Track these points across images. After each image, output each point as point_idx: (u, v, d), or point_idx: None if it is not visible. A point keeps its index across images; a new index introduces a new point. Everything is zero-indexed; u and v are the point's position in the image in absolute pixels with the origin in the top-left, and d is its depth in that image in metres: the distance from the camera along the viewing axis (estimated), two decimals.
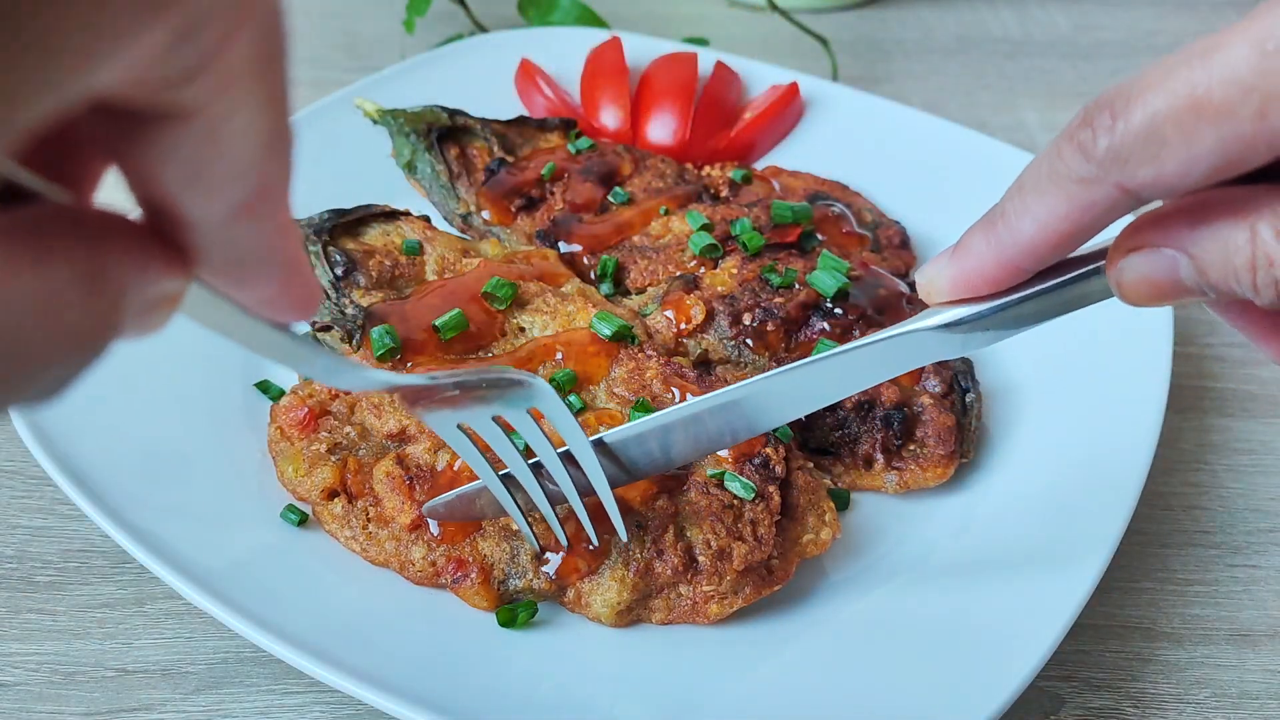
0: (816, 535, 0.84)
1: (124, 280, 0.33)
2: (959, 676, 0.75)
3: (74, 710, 0.79)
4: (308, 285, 0.41)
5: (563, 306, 0.96)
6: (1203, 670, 0.86)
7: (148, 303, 0.35)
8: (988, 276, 0.59)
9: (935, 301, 0.64)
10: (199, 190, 0.34)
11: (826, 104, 1.30)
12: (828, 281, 0.98)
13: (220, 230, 0.36)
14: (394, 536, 0.82)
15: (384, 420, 0.87)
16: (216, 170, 0.33)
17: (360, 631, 0.76)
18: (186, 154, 0.32)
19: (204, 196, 0.34)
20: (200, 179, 0.33)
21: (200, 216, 0.35)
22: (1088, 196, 0.51)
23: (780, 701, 0.75)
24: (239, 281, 0.39)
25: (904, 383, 0.94)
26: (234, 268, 0.38)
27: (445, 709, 0.70)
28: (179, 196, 0.34)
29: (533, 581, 0.80)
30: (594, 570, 0.79)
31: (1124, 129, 0.47)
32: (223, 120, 0.32)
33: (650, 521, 0.81)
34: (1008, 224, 0.55)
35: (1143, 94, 0.47)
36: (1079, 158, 0.50)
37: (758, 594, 0.81)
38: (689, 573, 0.80)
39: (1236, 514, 0.98)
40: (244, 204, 0.35)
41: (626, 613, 0.80)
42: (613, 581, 0.79)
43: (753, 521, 0.82)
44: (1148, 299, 0.54)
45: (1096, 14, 1.77)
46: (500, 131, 1.18)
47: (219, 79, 0.31)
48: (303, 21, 1.63)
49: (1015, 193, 0.55)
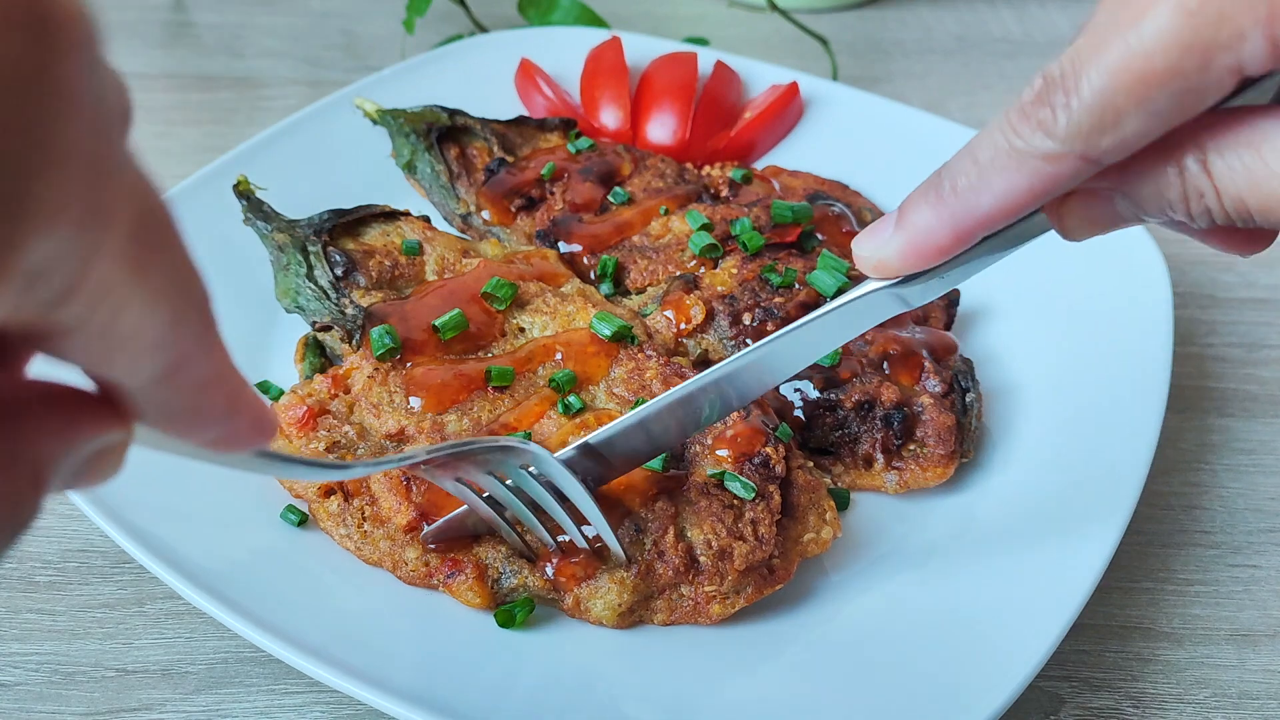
0: (818, 534, 0.84)
1: (43, 451, 0.34)
2: (959, 676, 0.75)
3: (74, 710, 0.79)
4: (255, 419, 0.41)
5: (562, 307, 0.96)
6: (1203, 670, 0.86)
7: (85, 459, 0.36)
8: (941, 246, 0.60)
9: (886, 275, 0.64)
10: (114, 370, 0.35)
11: (826, 104, 1.30)
12: (828, 281, 0.98)
13: (148, 394, 0.36)
14: (389, 536, 0.82)
15: (383, 420, 0.87)
16: (122, 359, 0.34)
17: (360, 632, 0.76)
18: (89, 352, 0.33)
19: (120, 373, 0.35)
20: (111, 364, 0.34)
21: (125, 386, 0.36)
22: (1053, 170, 0.53)
23: (781, 701, 0.75)
24: (180, 432, 0.39)
25: (904, 382, 0.94)
26: (170, 422, 0.38)
27: (445, 709, 0.70)
28: (97, 374, 0.35)
29: (527, 579, 0.80)
30: (591, 576, 0.79)
31: (1079, 104, 0.50)
32: (109, 325, 0.32)
33: (650, 523, 0.81)
34: (962, 197, 0.57)
35: (1088, 68, 0.49)
36: (1040, 135, 0.52)
37: (759, 593, 0.81)
38: (690, 573, 0.80)
39: (1236, 514, 0.98)
40: (163, 373, 0.36)
41: (628, 614, 0.80)
42: (612, 584, 0.79)
43: (753, 521, 0.81)
44: (1089, 234, 0.59)
45: None
46: (500, 131, 1.18)
47: (90, 295, 0.31)
48: (302, 21, 1.63)
49: (969, 167, 0.57)
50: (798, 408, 0.92)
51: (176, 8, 1.65)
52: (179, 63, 1.53)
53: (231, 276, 1.02)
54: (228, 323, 1.16)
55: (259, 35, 1.60)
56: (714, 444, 0.86)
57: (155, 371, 0.35)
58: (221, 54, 1.55)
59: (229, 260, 1.03)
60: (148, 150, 1.34)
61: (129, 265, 0.32)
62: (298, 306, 0.98)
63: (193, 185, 1.07)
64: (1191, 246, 1.28)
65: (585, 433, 0.86)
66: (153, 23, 1.62)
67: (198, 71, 1.51)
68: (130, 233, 0.32)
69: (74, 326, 0.32)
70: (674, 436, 0.79)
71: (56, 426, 0.35)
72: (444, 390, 0.88)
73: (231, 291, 1.02)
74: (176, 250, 0.35)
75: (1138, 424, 0.91)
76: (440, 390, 0.88)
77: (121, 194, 0.32)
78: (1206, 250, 1.28)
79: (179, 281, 0.35)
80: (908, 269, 0.63)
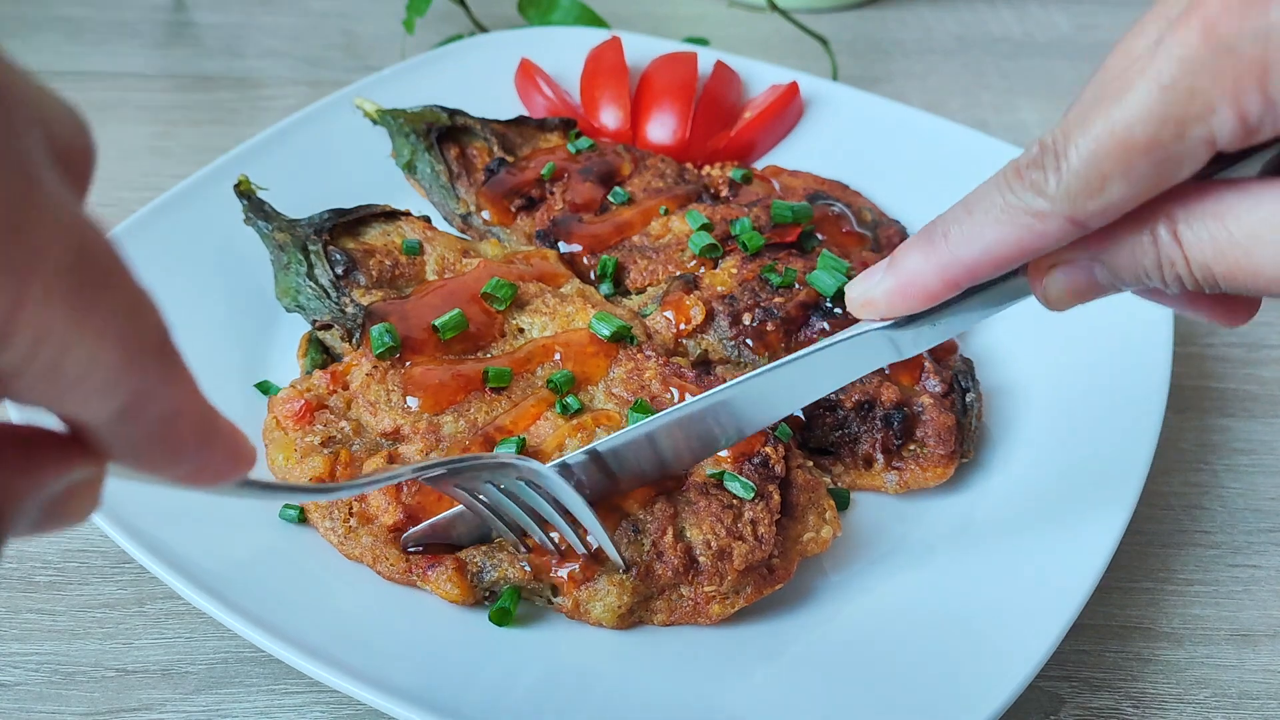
0: (817, 533, 0.84)
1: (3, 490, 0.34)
2: (959, 676, 0.75)
3: (74, 710, 0.79)
4: (231, 451, 0.41)
5: (562, 307, 0.96)
6: (1203, 670, 0.86)
7: (54, 498, 0.36)
8: (929, 290, 0.63)
9: (871, 317, 0.68)
10: (68, 409, 0.34)
11: (826, 104, 1.30)
12: (827, 281, 0.98)
13: (112, 432, 0.36)
14: (372, 534, 0.82)
15: (379, 418, 0.87)
16: (74, 399, 0.34)
17: (360, 632, 0.76)
18: (36, 394, 0.33)
19: (77, 412, 0.34)
20: (63, 404, 0.34)
21: (86, 423, 0.35)
22: (1041, 228, 0.57)
23: (780, 701, 0.75)
24: (152, 469, 0.39)
25: (904, 382, 0.94)
26: (140, 460, 0.38)
27: (445, 709, 0.70)
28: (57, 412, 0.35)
29: (507, 572, 0.79)
30: (590, 578, 0.79)
31: (1069, 169, 0.54)
32: (53, 367, 0.32)
33: (649, 524, 0.80)
34: (952, 245, 0.61)
35: (1077, 136, 0.54)
36: (1031, 194, 0.56)
37: (759, 593, 0.81)
38: (690, 574, 0.80)
39: (1236, 514, 0.98)
40: (122, 411, 0.35)
41: (628, 615, 0.80)
42: (611, 586, 0.79)
43: (753, 521, 0.81)
44: (1070, 303, 0.62)
45: (1096, 14, 1.77)
46: (500, 131, 1.18)
47: (28, 339, 0.31)
48: (302, 21, 1.63)
49: (963, 218, 0.61)
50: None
51: (176, 8, 1.65)
52: (179, 63, 1.53)
53: (231, 276, 1.03)
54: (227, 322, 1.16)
55: (259, 35, 1.60)
56: None
57: (113, 410, 0.35)
58: (221, 54, 1.55)
59: (229, 260, 1.03)
60: (148, 150, 1.35)
61: (66, 307, 0.31)
62: (298, 305, 0.98)
63: (193, 185, 1.07)
64: None
65: (582, 434, 0.86)
66: (153, 23, 1.62)
67: (198, 71, 1.51)
68: (63, 274, 0.31)
69: (17, 370, 0.31)
70: (675, 457, 0.80)
71: (18, 465, 0.35)
72: (441, 390, 0.88)
73: (231, 291, 1.02)
74: (122, 287, 0.34)
75: (1138, 424, 0.91)
76: (438, 390, 0.88)
77: (47, 236, 0.31)
78: None
79: (127, 318, 0.34)
80: (894, 311, 0.66)
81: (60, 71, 1.49)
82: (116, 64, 1.51)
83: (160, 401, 0.36)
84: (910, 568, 0.85)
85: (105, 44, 1.55)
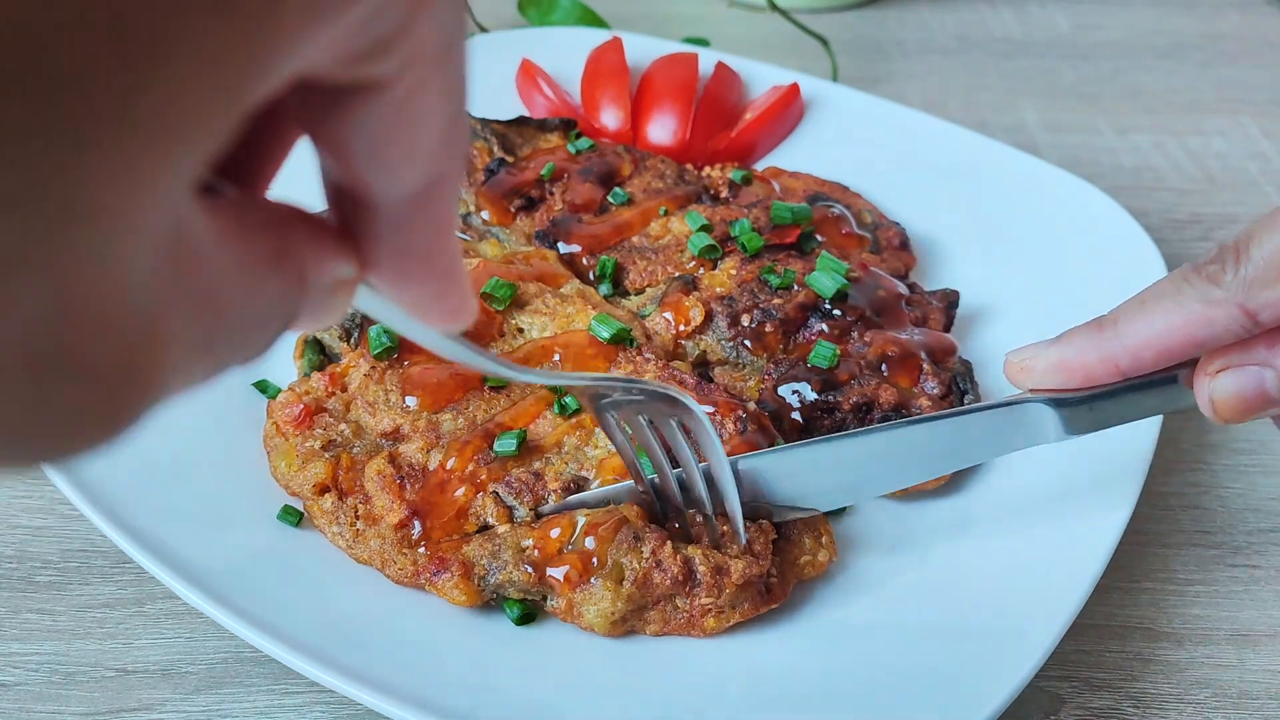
0: (814, 557, 0.83)
1: (304, 260, 0.36)
2: (957, 676, 0.75)
3: (74, 710, 0.79)
4: (462, 297, 0.43)
5: (562, 308, 0.96)
6: (1203, 670, 0.85)
7: (324, 285, 0.37)
8: (1088, 369, 0.66)
9: (1024, 384, 0.71)
10: (382, 168, 0.35)
11: (827, 105, 1.30)
12: (826, 283, 0.98)
13: (394, 215, 0.37)
14: (380, 535, 0.81)
15: (379, 419, 0.87)
16: (401, 147, 0.35)
17: (360, 633, 0.76)
18: (375, 128, 0.34)
19: (387, 174, 0.36)
20: (386, 155, 0.35)
21: (380, 194, 0.37)
22: (1210, 314, 0.59)
23: (779, 701, 0.75)
24: (402, 275, 0.40)
25: (903, 384, 0.94)
26: (400, 259, 0.39)
27: (445, 711, 0.70)
28: (364, 172, 0.36)
29: (512, 574, 0.79)
30: (586, 579, 0.78)
31: (1247, 262, 0.57)
32: (409, 98, 0.34)
33: (650, 532, 0.80)
34: (1119, 330, 0.64)
35: (1258, 237, 0.57)
36: (1206, 284, 0.59)
37: (754, 610, 0.80)
38: (687, 585, 0.79)
39: (1236, 514, 0.98)
40: (420, 191, 0.37)
41: (621, 623, 0.79)
42: (607, 591, 0.78)
43: (749, 539, 0.81)
44: (1239, 414, 0.63)
45: (1096, 14, 1.77)
46: (500, 131, 1.18)
47: (406, 56, 0.33)
48: None
49: (1136, 305, 0.63)
50: (795, 409, 0.92)
51: None
52: None
53: None
54: None
55: None
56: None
57: (415, 182, 0.36)
58: None
59: None
60: None
61: (437, 45, 0.33)
62: None
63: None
64: (1191, 246, 1.28)
65: (580, 433, 0.86)
66: None
67: None
68: (442, 16, 0.33)
69: (381, 84, 0.33)
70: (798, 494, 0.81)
71: (312, 244, 0.36)
72: (440, 389, 0.88)
73: None
74: (463, 65, 0.36)
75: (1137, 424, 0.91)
76: (436, 389, 0.88)
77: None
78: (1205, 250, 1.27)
79: (461, 93, 0.36)
80: (1048, 382, 0.69)
81: None
82: None
83: (449, 199, 0.38)
84: (908, 569, 0.85)
85: None
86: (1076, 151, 1.44)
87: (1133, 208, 1.27)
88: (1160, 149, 1.45)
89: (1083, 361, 0.66)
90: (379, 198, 0.37)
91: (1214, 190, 1.37)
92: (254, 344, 0.35)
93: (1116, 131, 1.48)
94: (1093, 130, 1.48)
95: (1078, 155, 1.43)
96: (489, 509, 0.82)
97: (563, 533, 0.80)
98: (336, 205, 0.38)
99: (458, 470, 0.83)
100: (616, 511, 0.80)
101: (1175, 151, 1.44)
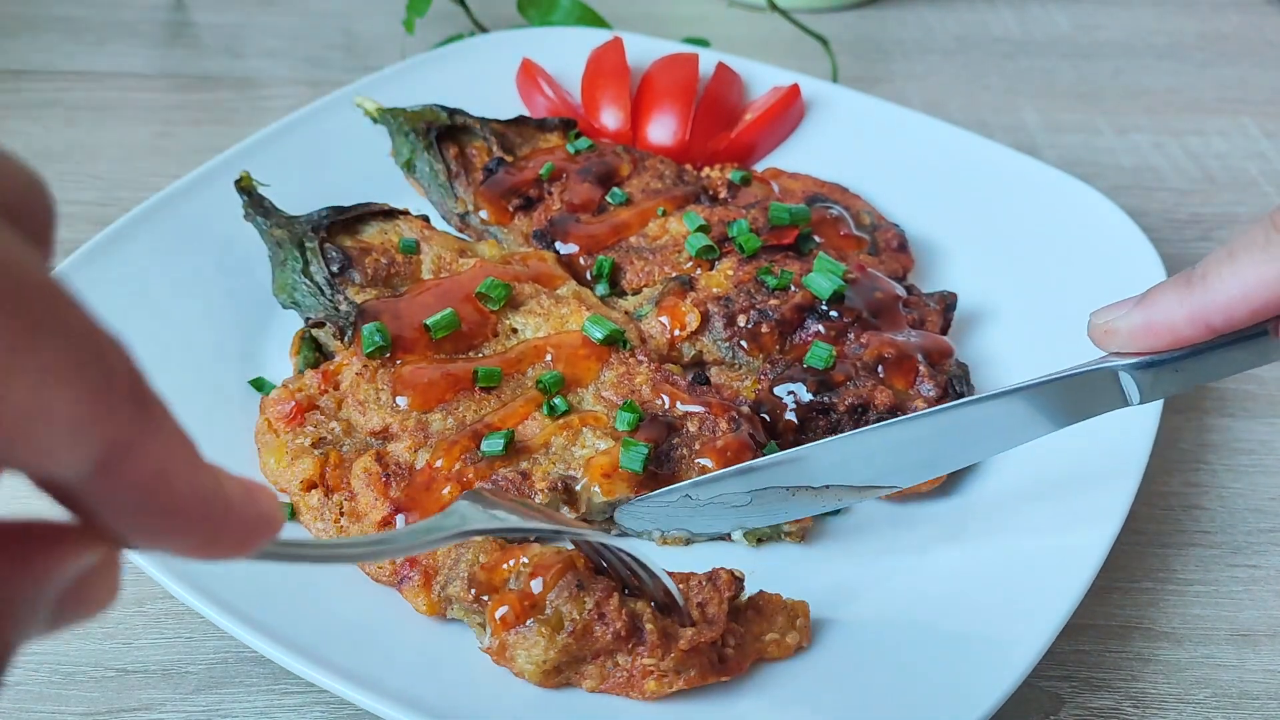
0: (782, 637, 0.77)
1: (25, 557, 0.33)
2: (953, 677, 0.75)
3: (74, 710, 0.79)
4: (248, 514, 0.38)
5: (556, 309, 0.96)
6: (1203, 670, 0.85)
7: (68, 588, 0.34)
8: (1176, 330, 0.63)
9: (1109, 346, 0.67)
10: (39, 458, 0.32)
11: (827, 106, 1.30)
12: (823, 284, 0.98)
13: (98, 495, 0.34)
14: (362, 532, 0.82)
15: (368, 417, 0.88)
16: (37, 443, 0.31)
17: (356, 634, 0.76)
18: None
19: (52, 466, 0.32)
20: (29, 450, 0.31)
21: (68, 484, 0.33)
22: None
23: (775, 701, 0.75)
24: (155, 540, 0.36)
25: (899, 386, 0.94)
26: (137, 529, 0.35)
27: (445, 714, 0.70)
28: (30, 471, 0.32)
29: (457, 590, 0.76)
30: (521, 621, 0.73)
31: None
32: None
33: (596, 583, 0.74)
34: (1208, 285, 0.61)
35: None
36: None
37: (702, 679, 0.73)
38: (630, 642, 0.73)
39: (1236, 514, 0.98)
40: (102, 464, 0.33)
41: (554, 673, 0.73)
42: (540, 637, 0.72)
43: (701, 603, 0.75)
44: None
45: (1096, 14, 1.77)
46: (499, 131, 1.18)
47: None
48: (302, 21, 1.63)
49: (1224, 259, 0.60)
50: (791, 409, 0.92)
51: (176, 8, 1.65)
52: (179, 63, 1.53)
53: (230, 273, 1.03)
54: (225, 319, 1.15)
55: (259, 35, 1.60)
56: (700, 452, 0.85)
57: (89, 462, 0.32)
58: (221, 54, 1.55)
59: (228, 257, 1.04)
60: (148, 150, 1.34)
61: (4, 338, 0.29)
62: (293, 302, 0.98)
63: (193, 182, 1.07)
64: (1191, 247, 1.28)
65: (568, 434, 0.85)
66: (153, 23, 1.62)
67: (198, 71, 1.51)
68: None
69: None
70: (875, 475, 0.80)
71: (16, 557, 0.33)
72: (430, 389, 0.88)
73: (229, 287, 1.02)
74: (74, 323, 0.31)
75: (1134, 424, 0.91)
76: (427, 389, 0.88)
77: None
78: (1206, 250, 1.27)
79: (85, 354, 0.31)
80: (1134, 345, 0.66)
81: (60, 71, 1.49)
82: (116, 64, 1.51)
83: (143, 456, 0.33)
84: (903, 570, 0.85)
85: (105, 44, 1.55)
86: (1076, 152, 1.43)
87: (1132, 208, 1.27)
88: (1160, 149, 1.45)
89: (1170, 322, 0.62)
90: (62, 484, 0.33)
91: (1214, 190, 1.37)
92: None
93: (1116, 131, 1.48)
94: (1093, 130, 1.48)
95: (1078, 155, 1.43)
96: None
97: (512, 567, 0.76)
98: (61, 503, 0.35)
99: (444, 470, 0.83)
100: (565, 554, 0.76)
101: (1175, 151, 1.44)
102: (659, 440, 0.86)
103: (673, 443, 0.87)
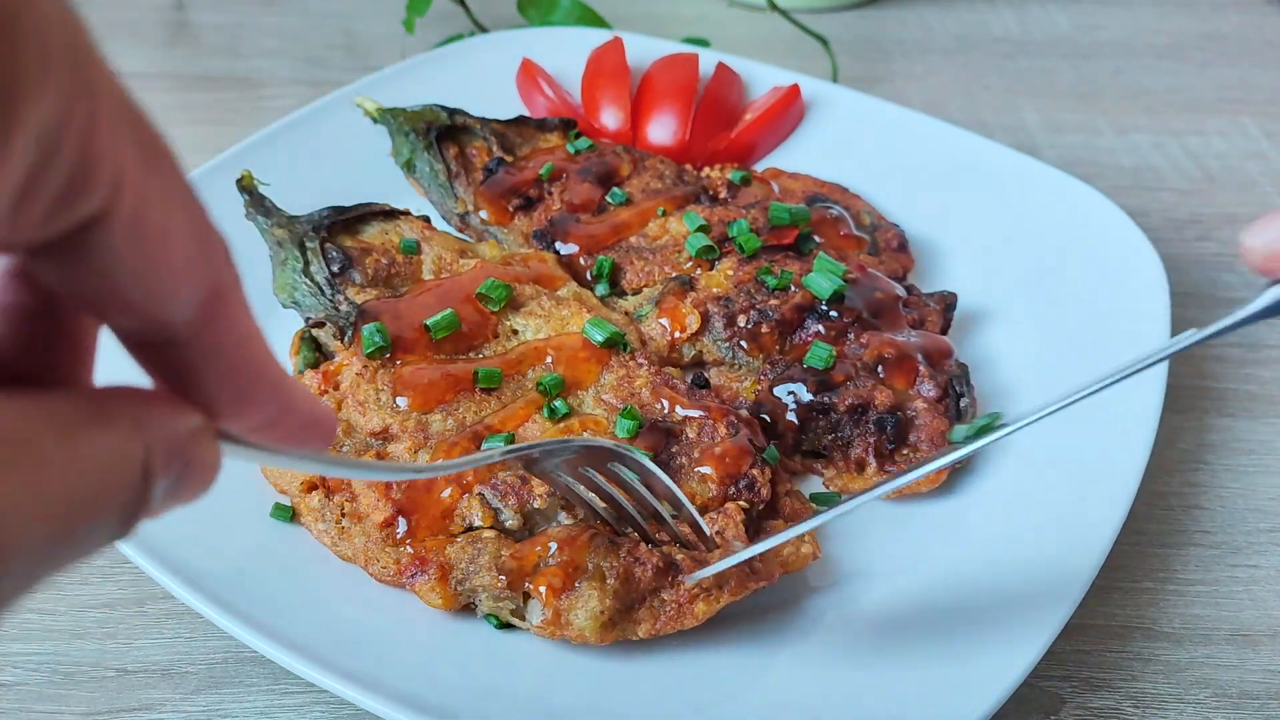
0: (797, 550, 0.82)
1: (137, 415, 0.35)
2: (953, 676, 0.75)
3: (74, 710, 0.79)
4: (310, 411, 0.41)
5: (557, 310, 0.95)
6: (1203, 670, 0.85)
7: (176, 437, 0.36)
8: None
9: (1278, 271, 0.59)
10: (150, 293, 0.34)
11: (828, 106, 1.30)
12: (823, 284, 0.98)
13: (194, 341, 0.36)
14: (364, 533, 0.82)
15: (368, 418, 0.88)
16: (155, 264, 0.33)
17: (356, 634, 0.76)
18: (122, 257, 0.33)
19: (157, 298, 0.34)
20: (146, 279, 0.33)
21: (166, 324, 0.35)
22: None
23: (776, 702, 0.75)
24: (237, 404, 0.39)
25: (899, 386, 0.94)
26: (224, 385, 0.38)
27: (444, 714, 0.70)
28: (142, 304, 0.34)
29: (485, 579, 0.78)
30: (570, 586, 0.77)
31: None
32: (136, 215, 0.32)
33: (621, 539, 0.79)
34: None
35: None
36: None
37: (742, 588, 0.79)
38: (670, 575, 0.78)
39: (1236, 514, 0.98)
40: (203, 305, 0.35)
41: (611, 625, 0.76)
42: (592, 589, 0.76)
43: (719, 530, 0.81)
44: None
45: (1096, 14, 1.77)
46: (500, 131, 1.18)
47: (110, 178, 0.31)
48: (302, 21, 1.63)
49: None
50: (791, 409, 0.92)
51: (176, 8, 1.65)
52: (179, 63, 1.53)
53: None
54: None
55: (259, 35, 1.60)
56: (700, 459, 0.85)
57: (194, 296, 0.35)
58: (221, 54, 1.55)
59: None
60: None
61: (136, 153, 0.32)
62: (294, 302, 0.98)
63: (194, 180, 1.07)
64: (1190, 246, 1.28)
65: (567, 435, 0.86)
66: (153, 23, 1.62)
67: (198, 71, 1.51)
68: (125, 118, 0.32)
69: (103, 214, 0.31)
70: None
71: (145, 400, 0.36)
72: (430, 390, 0.88)
73: None
74: (176, 168, 0.34)
75: (1134, 425, 0.91)
76: (427, 390, 0.88)
77: (104, 75, 0.32)
78: (1206, 250, 1.28)
79: (190, 198, 0.34)
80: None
81: None
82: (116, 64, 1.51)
83: (235, 312, 0.37)
84: (903, 570, 0.85)
85: (105, 44, 1.54)
86: (1076, 152, 1.43)
87: (1132, 208, 1.27)
88: (1160, 149, 1.45)
89: None
90: (169, 329, 0.35)
91: (1214, 190, 1.37)
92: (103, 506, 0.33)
93: (1116, 131, 1.48)
94: (1093, 130, 1.48)
95: (1078, 155, 1.43)
96: (475, 510, 0.81)
97: (542, 550, 0.79)
98: (152, 369, 0.37)
99: None
100: (586, 524, 0.80)
101: (1175, 151, 1.44)
102: (658, 447, 0.86)
103: (672, 450, 0.87)
